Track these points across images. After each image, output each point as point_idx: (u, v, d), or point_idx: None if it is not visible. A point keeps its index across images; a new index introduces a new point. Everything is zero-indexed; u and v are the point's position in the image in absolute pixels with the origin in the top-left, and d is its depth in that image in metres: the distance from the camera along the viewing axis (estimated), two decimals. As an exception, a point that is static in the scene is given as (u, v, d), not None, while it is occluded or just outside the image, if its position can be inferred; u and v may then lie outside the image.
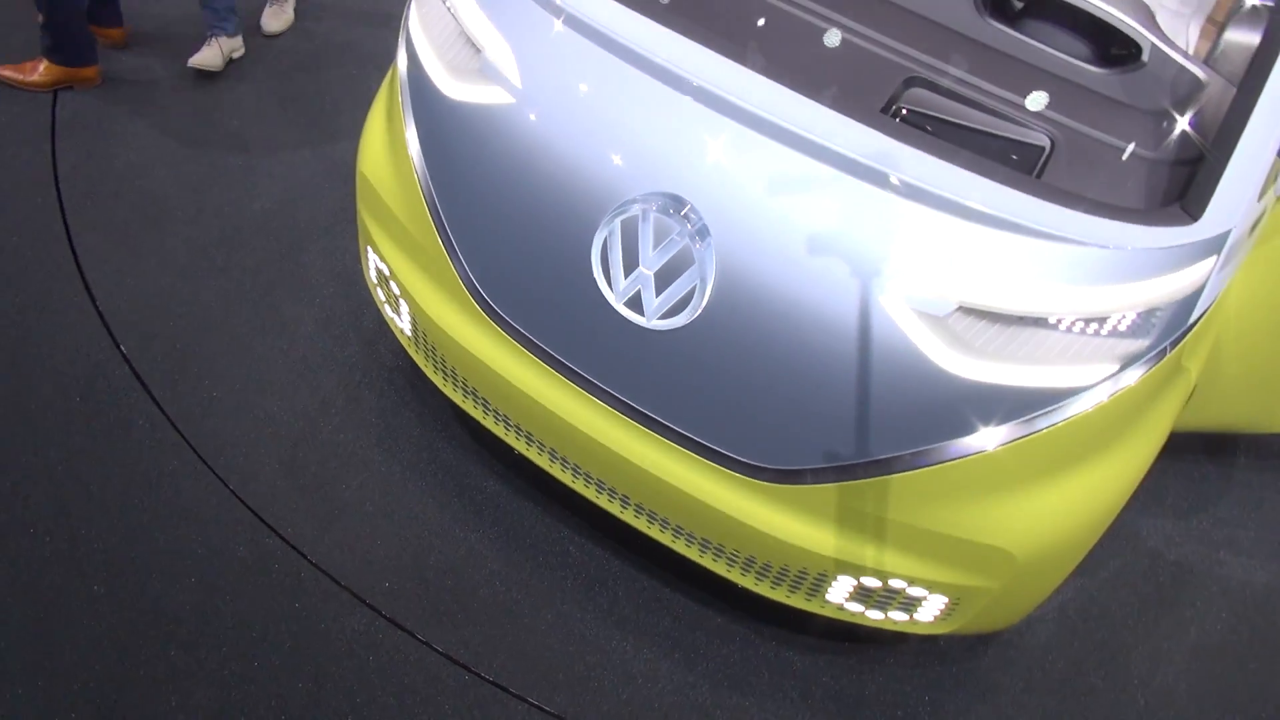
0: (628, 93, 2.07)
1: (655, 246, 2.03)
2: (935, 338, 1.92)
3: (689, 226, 1.99)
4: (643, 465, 2.29)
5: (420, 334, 2.66)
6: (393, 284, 2.63)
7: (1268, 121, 2.03)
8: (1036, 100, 2.18)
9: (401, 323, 2.72)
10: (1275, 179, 2.15)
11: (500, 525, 2.91)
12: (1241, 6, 2.38)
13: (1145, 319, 1.96)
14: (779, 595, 2.42)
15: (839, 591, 2.32)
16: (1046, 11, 2.39)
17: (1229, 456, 3.43)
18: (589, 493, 2.57)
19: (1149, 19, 2.37)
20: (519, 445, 2.63)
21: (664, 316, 2.08)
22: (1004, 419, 2.00)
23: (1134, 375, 2.01)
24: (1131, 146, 2.14)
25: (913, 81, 2.22)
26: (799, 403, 2.07)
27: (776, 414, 2.11)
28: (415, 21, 2.41)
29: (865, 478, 2.10)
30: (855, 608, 2.36)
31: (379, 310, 3.13)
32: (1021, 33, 2.35)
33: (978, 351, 1.93)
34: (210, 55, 4.20)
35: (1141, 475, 2.24)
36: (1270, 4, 2.30)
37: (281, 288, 3.44)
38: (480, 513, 2.93)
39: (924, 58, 2.26)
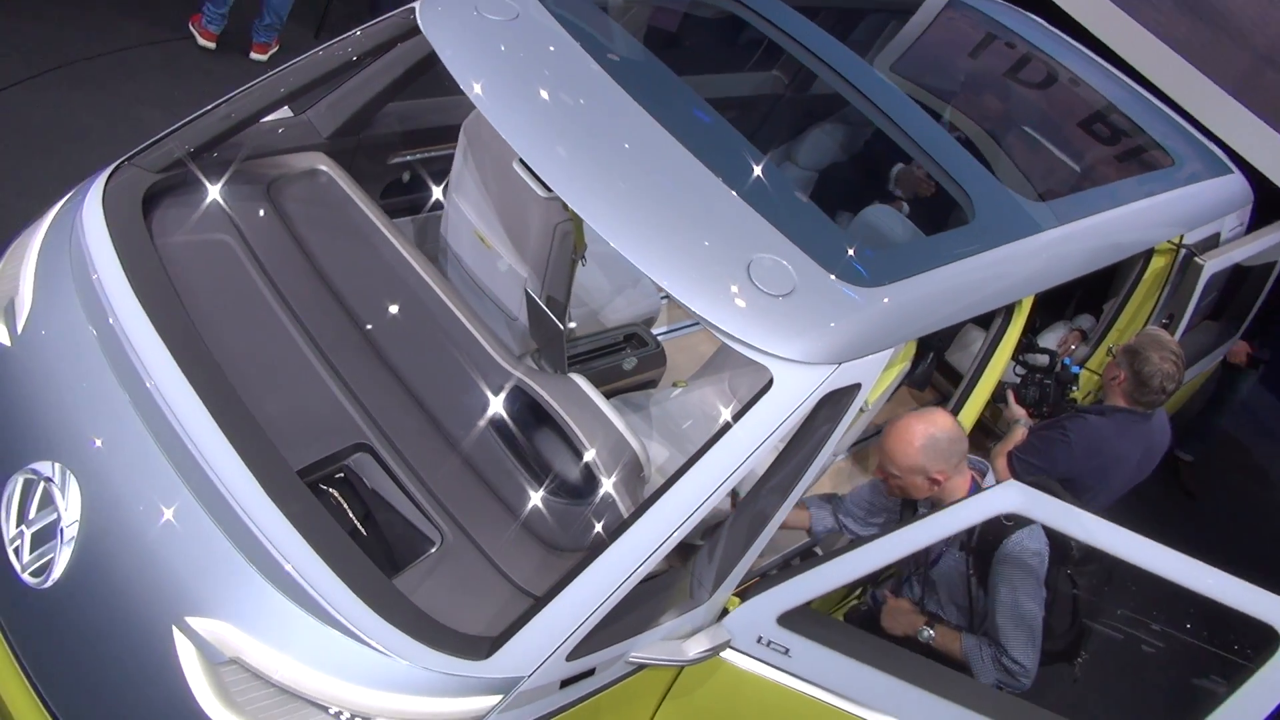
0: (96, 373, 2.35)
1: (40, 509, 2.25)
2: (204, 679, 2.08)
3: (68, 506, 2.22)
4: None
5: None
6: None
7: (593, 583, 2.24)
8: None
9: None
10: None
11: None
12: None
13: (414, 732, 2.12)
14: None
15: None
16: (543, 436, 2.69)
17: None
18: None
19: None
20: None
21: (34, 574, 2.26)
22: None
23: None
24: (502, 570, 2.37)
25: (363, 448, 2.49)
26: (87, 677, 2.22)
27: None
28: None
29: None
30: None
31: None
32: (505, 442, 2.63)
33: (238, 708, 2.08)
34: None
35: None
36: None
37: None
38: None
39: (392, 432, 2.53)
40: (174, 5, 5.64)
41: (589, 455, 2.61)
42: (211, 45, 5.55)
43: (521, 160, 2.53)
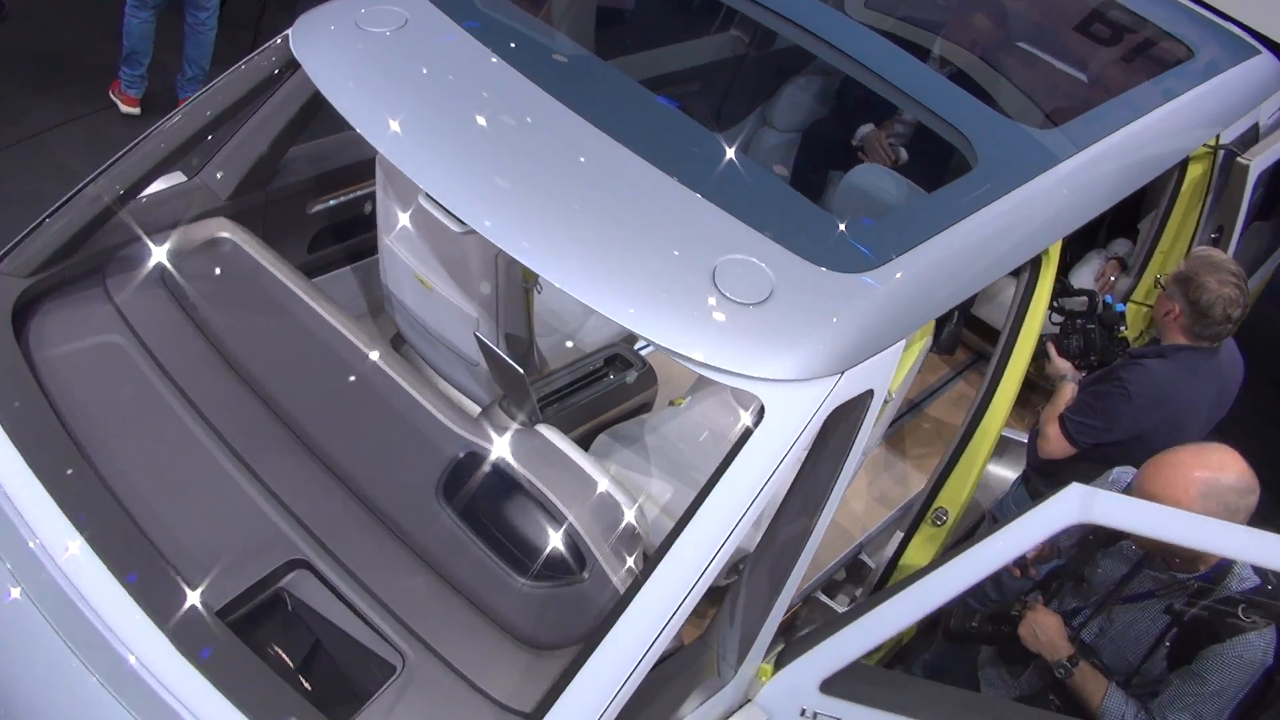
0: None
1: None
2: None
3: None
4: None
5: None
6: None
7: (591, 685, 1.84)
8: None
9: None
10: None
11: None
12: None
13: None
14: None
15: None
16: (504, 507, 2.29)
17: None
18: None
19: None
20: None
21: None
22: None
23: None
24: (478, 687, 1.97)
25: (298, 565, 2.09)
26: None
27: None
28: None
29: None
30: None
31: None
32: (468, 525, 2.23)
33: None
34: None
35: None
36: None
37: None
38: None
39: (330, 539, 2.13)
40: (90, 77, 5.26)
41: (569, 525, 2.20)
42: (136, 111, 5.17)
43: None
